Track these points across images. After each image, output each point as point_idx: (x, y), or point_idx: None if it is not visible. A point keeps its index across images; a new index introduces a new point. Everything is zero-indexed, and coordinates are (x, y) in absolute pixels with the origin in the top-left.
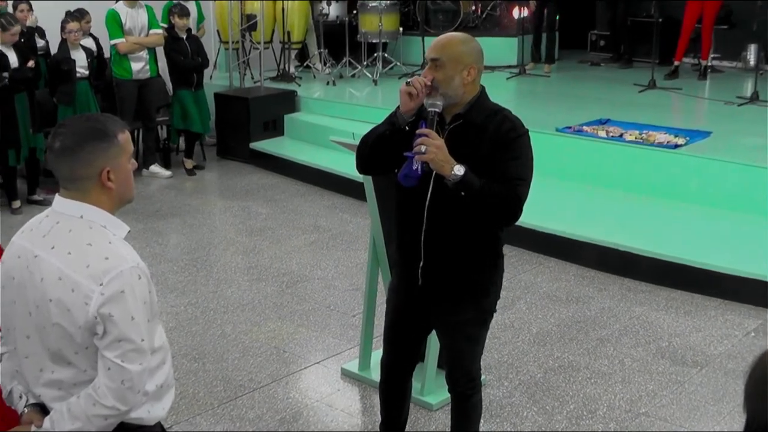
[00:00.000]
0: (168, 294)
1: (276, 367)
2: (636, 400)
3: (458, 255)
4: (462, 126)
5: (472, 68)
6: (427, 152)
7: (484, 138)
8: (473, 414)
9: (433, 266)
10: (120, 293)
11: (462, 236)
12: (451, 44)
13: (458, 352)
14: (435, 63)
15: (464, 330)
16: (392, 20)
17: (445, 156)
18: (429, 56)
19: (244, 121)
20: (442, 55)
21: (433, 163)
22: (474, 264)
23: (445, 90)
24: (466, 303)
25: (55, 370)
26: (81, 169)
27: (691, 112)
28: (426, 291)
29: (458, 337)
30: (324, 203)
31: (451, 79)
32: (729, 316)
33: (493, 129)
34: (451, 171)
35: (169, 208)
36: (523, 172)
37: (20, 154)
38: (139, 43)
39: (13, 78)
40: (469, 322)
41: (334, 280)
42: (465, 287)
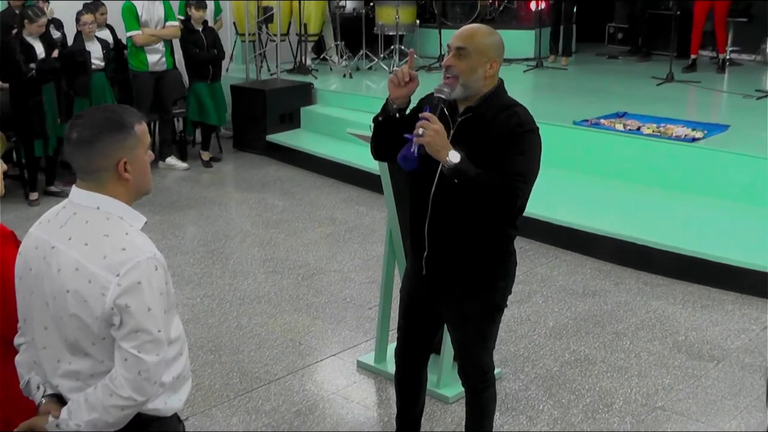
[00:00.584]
0: (184, 286)
1: (292, 359)
2: (652, 394)
3: (462, 247)
4: (472, 119)
5: (494, 62)
6: (424, 135)
7: (490, 134)
8: (487, 408)
9: (437, 257)
10: (137, 284)
11: (467, 229)
12: (478, 35)
13: (467, 346)
14: (460, 52)
15: (471, 324)
16: (409, 12)
17: (442, 141)
18: (454, 44)
19: (261, 114)
20: (468, 45)
21: (429, 147)
22: (479, 258)
23: (466, 80)
24: (471, 297)
25: (72, 361)
26: (98, 160)
27: (709, 105)
28: (431, 281)
29: (466, 332)
30: (340, 196)
31: (474, 70)
32: (746, 311)
33: (500, 126)
34: (447, 157)
35: (185, 200)
36: (525, 169)
37: (47, 144)
38: (155, 35)
39: (40, 69)
40: (475, 317)
41: (350, 273)
42: (469, 281)
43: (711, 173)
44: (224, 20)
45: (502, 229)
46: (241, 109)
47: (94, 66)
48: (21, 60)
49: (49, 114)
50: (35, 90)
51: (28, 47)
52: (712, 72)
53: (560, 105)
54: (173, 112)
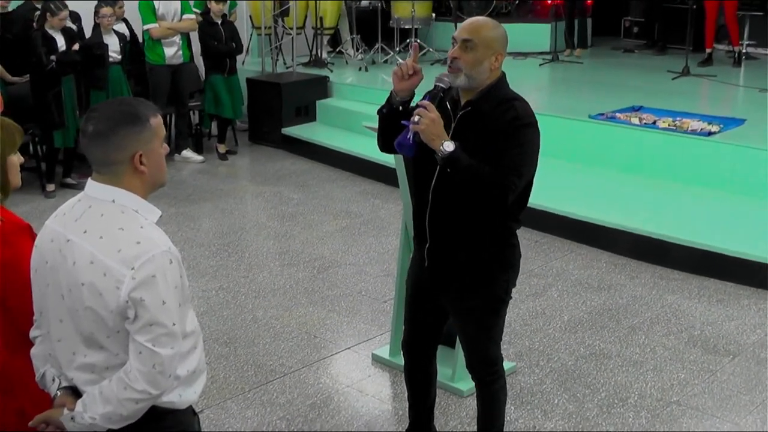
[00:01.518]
0: (199, 278)
1: (307, 352)
2: (668, 388)
3: (462, 240)
4: (471, 113)
5: (500, 55)
6: (420, 123)
7: (489, 127)
8: (497, 401)
9: (438, 248)
10: (151, 278)
11: (466, 221)
12: (485, 28)
13: (471, 339)
14: (466, 44)
15: (473, 317)
16: (425, 6)
17: (438, 130)
18: (461, 36)
19: (277, 107)
20: (475, 37)
21: (424, 135)
22: (479, 251)
23: (470, 72)
24: (472, 290)
25: (87, 353)
26: (113, 153)
27: (725, 99)
28: (432, 273)
29: (469, 324)
30: (356, 189)
31: (480, 63)
32: (762, 305)
33: (498, 119)
34: (440, 146)
35: (201, 192)
36: (519, 162)
37: (67, 136)
38: (172, 28)
39: (61, 61)
40: (477, 309)
41: (365, 266)
42: (469, 273)
43: (727, 167)
44: (240, 13)
45: (503, 222)
46: (256, 102)
47: (111, 59)
48: (42, 52)
49: (69, 105)
50: (55, 81)
51: (50, 40)
52: (728, 66)
53: (576, 99)
54: (189, 105)
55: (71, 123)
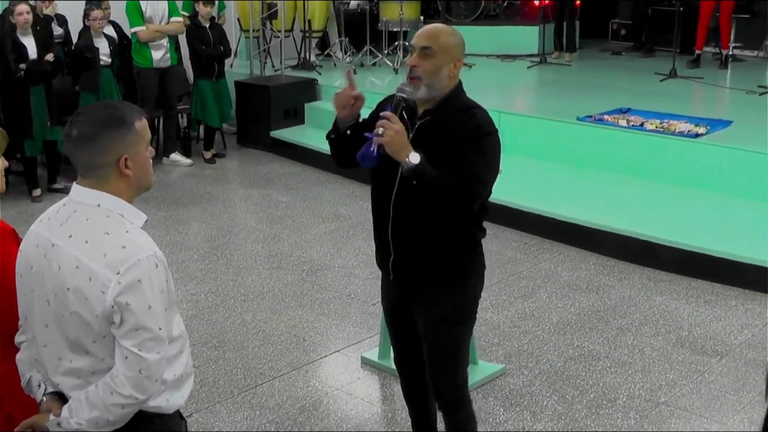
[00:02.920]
0: (188, 282)
1: (296, 355)
2: (656, 389)
3: (426, 250)
4: (430, 123)
5: (458, 61)
6: (384, 135)
7: (449, 136)
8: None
9: (403, 261)
10: (137, 282)
11: (430, 231)
12: (443, 34)
13: (437, 354)
14: (425, 51)
15: (442, 327)
16: (413, 8)
17: (402, 141)
18: (419, 44)
19: (265, 110)
20: (433, 44)
21: (389, 147)
22: (444, 259)
23: (431, 80)
24: (441, 298)
25: (73, 358)
26: (99, 156)
27: (712, 101)
28: (399, 286)
29: (437, 336)
30: (344, 192)
31: (439, 70)
32: (749, 306)
33: (459, 128)
34: (406, 158)
35: (189, 196)
36: (482, 170)
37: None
38: (159, 31)
39: (30, 69)
40: (445, 320)
41: (354, 269)
42: (435, 283)
43: (714, 169)
44: (228, 16)
45: (467, 231)
46: (245, 105)
47: (102, 62)
48: (12, 59)
49: (36, 116)
50: (23, 90)
51: (20, 46)
52: (714, 68)
53: (564, 101)
54: (178, 108)
55: (38, 134)
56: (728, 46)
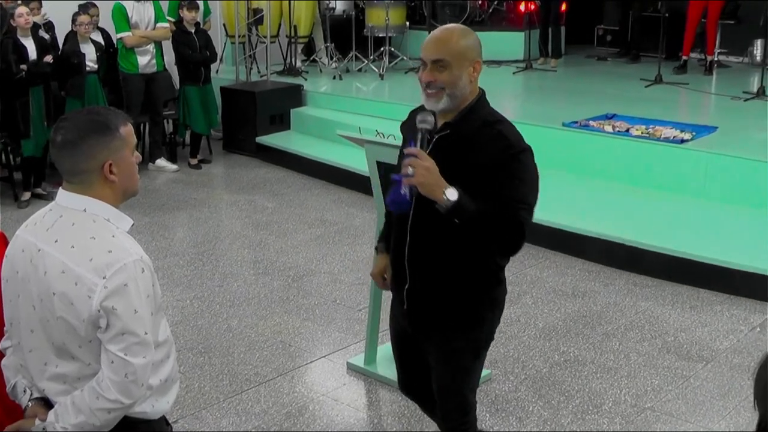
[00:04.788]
0: (174, 288)
1: (282, 361)
2: (642, 394)
3: (445, 279)
4: (450, 137)
5: (477, 63)
6: (414, 175)
7: (475, 153)
8: None
9: (419, 289)
10: (123, 286)
11: (450, 258)
12: (453, 39)
13: (449, 384)
14: (438, 64)
15: (455, 360)
16: (399, 14)
17: (436, 179)
18: (430, 58)
19: (251, 115)
20: (446, 55)
21: (422, 187)
22: (464, 290)
23: (452, 90)
24: (455, 332)
25: (59, 364)
26: (83, 162)
27: (698, 107)
28: (412, 316)
29: (448, 368)
30: (330, 197)
31: (459, 78)
32: (735, 311)
33: (486, 146)
34: (443, 195)
35: (175, 201)
36: (525, 194)
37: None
38: (145, 36)
39: (30, 71)
40: (458, 353)
41: (340, 274)
42: (453, 315)
43: (699, 175)
44: (214, 22)
45: (491, 258)
46: (231, 110)
47: (88, 68)
48: (12, 60)
49: (36, 116)
50: (23, 91)
51: (20, 48)
52: (700, 74)
53: (549, 107)
54: (164, 113)
55: (39, 133)
56: (713, 52)
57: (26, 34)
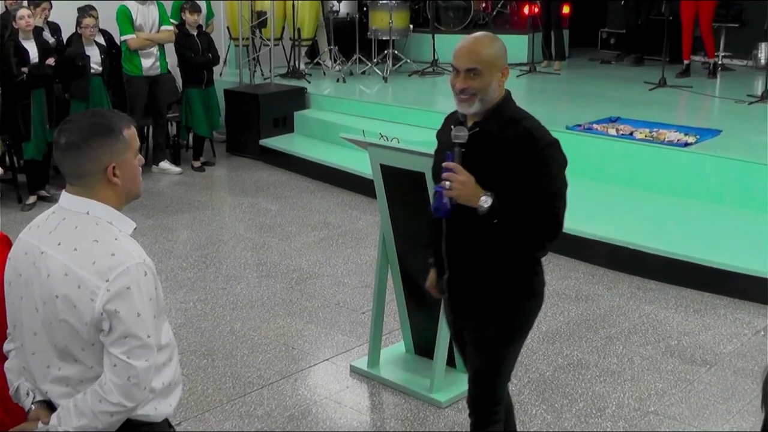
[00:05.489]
0: (177, 290)
1: (285, 363)
2: (645, 398)
3: (481, 269)
4: (478, 135)
5: (505, 69)
6: (452, 188)
7: (502, 149)
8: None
9: (458, 279)
10: (126, 289)
11: (485, 249)
12: (484, 49)
13: (482, 371)
14: (472, 72)
15: (490, 347)
16: (402, 17)
17: (471, 190)
18: (464, 67)
19: (254, 118)
20: (478, 64)
21: (459, 199)
22: (499, 279)
23: (484, 96)
24: (494, 319)
25: (61, 366)
26: (86, 165)
27: (702, 110)
28: (453, 303)
29: (481, 356)
30: (334, 200)
31: (489, 84)
32: (738, 315)
33: (514, 142)
34: (479, 203)
35: (178, 204)
36: (555, 187)
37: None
38: (149, 39)
39: (32, 73)
40: (491, 341)
41: (343, 277)
42: (488, 304)
43: (703, 178)
44: (217, 24)
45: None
46: (234, 113)
47: (93, 70)
48: (14, 62)
49: (37, 119)
50: (24, 93)
51: (22, 50)
52: (704, 77)
53: (553, 110)
54: (167, 116)
55: (39, 136)
56: (714, 55)
57: (28, 37)
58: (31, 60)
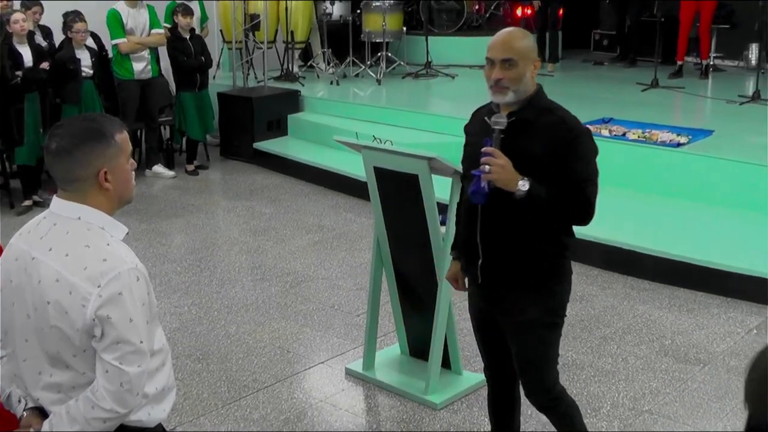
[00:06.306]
0: (171, 294)
1: (280, 367)
2: (639, 398)
3: (516, 252)
4: (515, 124)
5: (537, 61)
6: (491, 172)
7: (538, 137)
8: (569, 417)
9: (492, 264)
10: (118, 295)
11: (519, 235)
12: (518, 40)
13: (527, 358)
14: (507, 63)
15: (530, 331)
16: (396, 19)
17: (510, 174)
18: (499, 57)
19: (248, 121)
20: (513, 55)
21: (498, 182)
22: (534, 262)
23: (517, 87)
24: (529, 302)
25: (53, 373)
26: (78, 170)
27: (694, 110)
28: (487, 290)
29: (526, 340)
30: (328, 203)
31: (523, 75)
32: (731, 314)
33: (549, 130)
34: (516, 187)
35: (172, 208)
36: (588, 172)
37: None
38: (141, 42)
39: (25, 77)
40: (534, 323)
41: (338, 280)
42: (526, 286)
43: (696, 178)
44: (211, 28)
45: (557, 235)
46: (228, 116)
47: (84, 74)
48: (7, 66)
49: (31, 123)
50: (18, 98)
51: (16, 54)
52: (696, 78)
53: None
54: (160, 120)
55: (33, 140)
56: (708, 56)
57: (22, 41)
58: (25, 64)
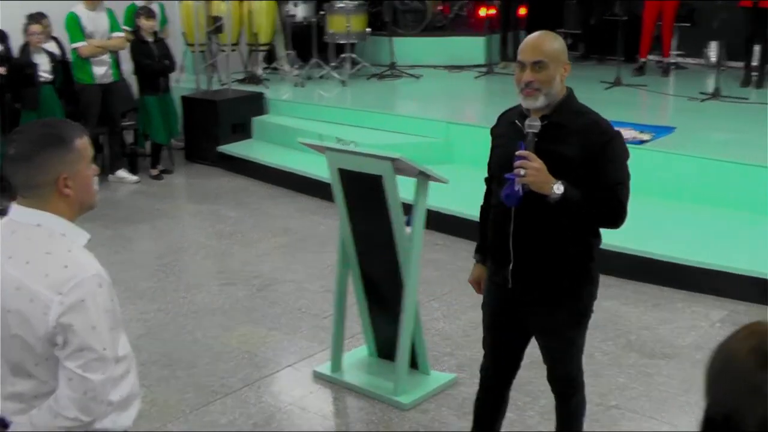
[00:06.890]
0: (137, 300)
1: (248, 371)
2: (606, 393)
3: (548, 258)
4: (548, 127)
5: (567, 65)
6: (526, 175)
7: (570, 140)
8: (576, 413)
9: (523, 269)
10: (80, 302)
11: (552, 239)
12: (548, 43)
13: (556, 354)
14: (537, 66)
15: (559, 333)
16: (360, 21)
17: (545, 177)
18: (530, 60)
19: (212, 124)
20: (544, 57)
21: (533, 185)
22: (564, 267)
23: (548, 89)
24: (560, 305)
25: (15, 382)
26: (37, 176)
27: (656, 108)
28: (516, 294)
29: (555, 340)
30: (294, 205)
31: (553, 78)
32: (695, 308)
33: (581, 134)
34: (551, 190)
35: (137, 213)
36: (620, 175)
37: None
38: (102, 46)
39: None
40: (563, 325)
41: (304, 283)
42: (555, 290)
43: (658, 174)
44: (173, 30)
45: (586, 238)
46: (192, 120)
47: (43, 78)
48: None
49: None
50: None
51: None
52: (657, 75)
53: None
54: (123, 124)
55: None
56: (669, 54)
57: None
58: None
